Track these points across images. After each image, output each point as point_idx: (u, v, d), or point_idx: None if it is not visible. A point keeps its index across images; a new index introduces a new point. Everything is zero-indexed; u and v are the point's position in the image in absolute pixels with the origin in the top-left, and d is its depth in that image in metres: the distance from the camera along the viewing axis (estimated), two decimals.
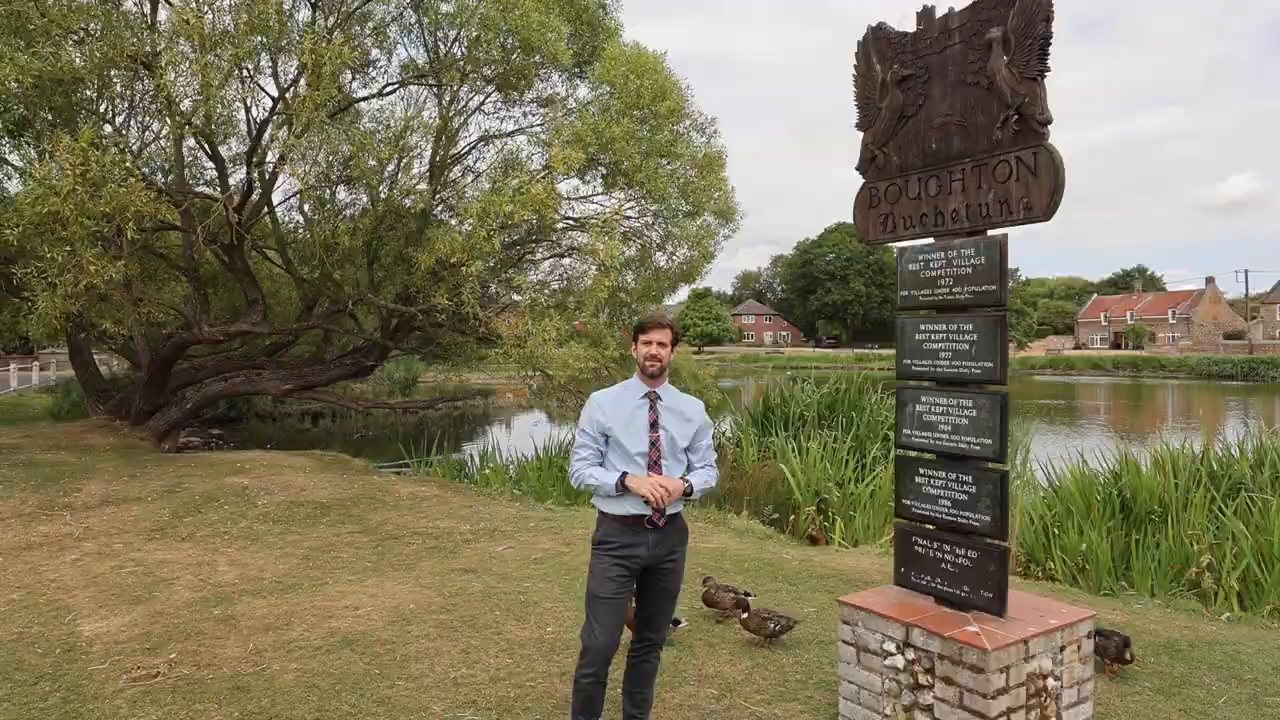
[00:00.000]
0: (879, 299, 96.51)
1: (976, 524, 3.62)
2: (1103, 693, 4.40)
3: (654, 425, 3.58)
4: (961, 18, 3.66)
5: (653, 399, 3.63)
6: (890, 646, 3.68)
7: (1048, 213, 3.37)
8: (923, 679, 3.55)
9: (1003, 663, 3.34)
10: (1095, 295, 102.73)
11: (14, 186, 13.45)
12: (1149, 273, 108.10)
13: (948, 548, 3.73)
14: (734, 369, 60.87)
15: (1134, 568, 6.89)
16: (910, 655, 3.60)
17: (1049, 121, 3.35)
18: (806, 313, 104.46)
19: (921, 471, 3.85)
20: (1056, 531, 7.42)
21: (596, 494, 3.57)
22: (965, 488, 3.66)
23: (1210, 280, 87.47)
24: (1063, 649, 3.57)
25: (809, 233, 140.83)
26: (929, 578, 3.82)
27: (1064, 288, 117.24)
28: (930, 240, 3.84)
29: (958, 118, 3.68)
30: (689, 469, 3.66)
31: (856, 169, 4.15)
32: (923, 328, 3.83)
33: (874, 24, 4.05)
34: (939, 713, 3.48)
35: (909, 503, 3.92)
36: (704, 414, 3.81)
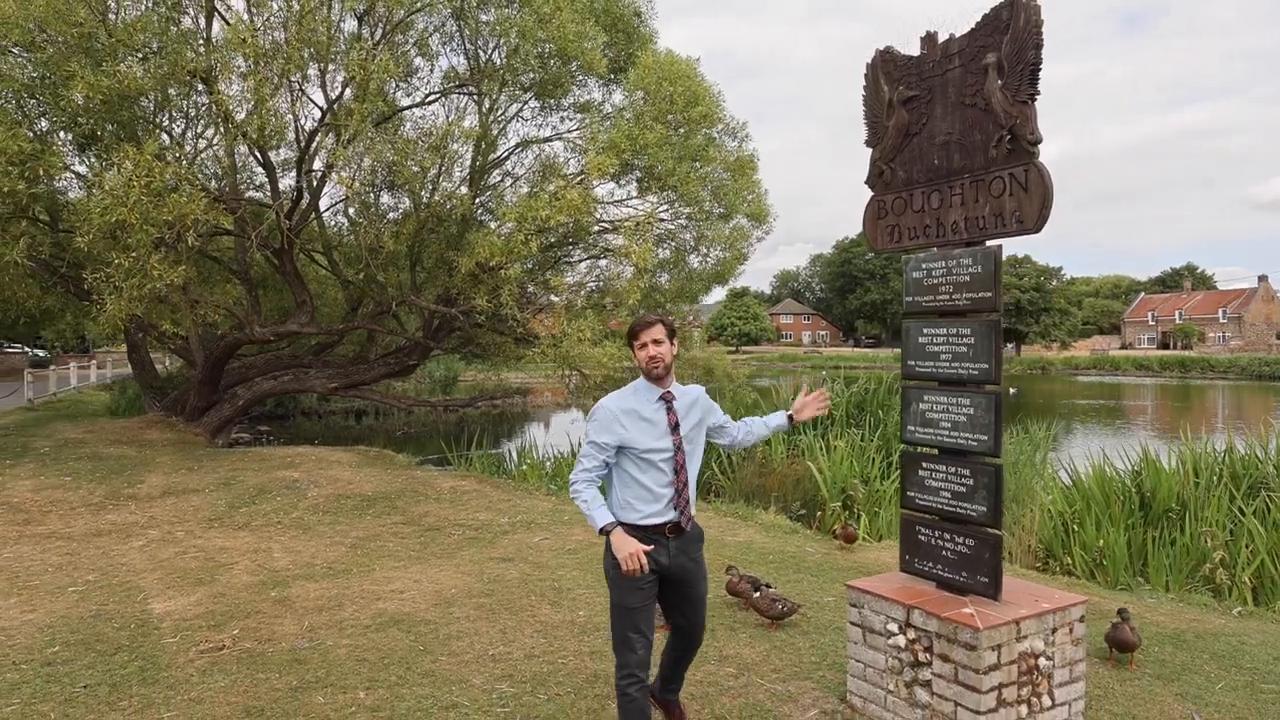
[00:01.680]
0: None
1: (974, 514, 3.89)
2: (1102, 677, 4.64)
3: (675, 428, 3.52)
4: (961, 43, 3.93)
5: (668, 400, 3.56)
6: (893, 627, 3.97)
7: (1037, 225, 3.63)
8: (922, 656, 3.83)
9: (994, 641, 3.61)
10: (1142, 294, 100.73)
11: (73, 194, 14.07)
12: (1199, 271, 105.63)
13: (947, 536, 4.00)
14: (771, 369, 60.98)
15: (1150, 564, 7.06)
16: (911, 635, 3.89)
17: (1039, 141, 3.62)
18: (845, 312, 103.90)
19: (924, 465, 4.13)
20: (1076, 528, 7.61)
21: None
22: (963, 480, 3.93)
23: (1263, 278, 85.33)
24: (1054, 631, 3.83)
25: (848, 231, 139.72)
26: (931, 564, 4.10)
27: (1110, 286, 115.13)
28: (933, 250, 4.12)
29: (957, 136, 3.95)
30: (738, 439, 3.89)
31: (865, 183, 4.43)
32: (925, 331, 4.11)
33: (881, 48, 4.33)
34: (937, 688, 3.76)
35: (913, 494, 4.20)
36: (706, 396, 3.80)
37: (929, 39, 4.10)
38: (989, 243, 3.88)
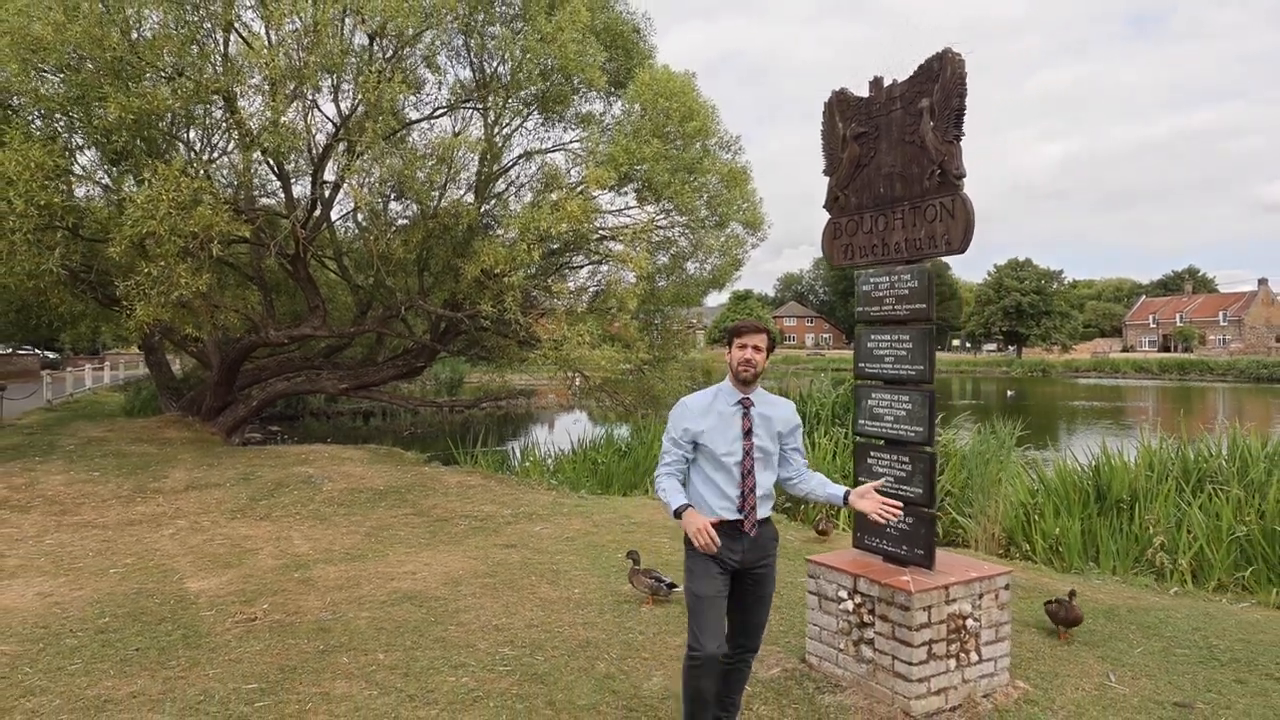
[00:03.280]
0: None
1: (912, 495, 4.49)
2: (1036, 643, 5.24)
3: (748, 433, 3.58)
4: (902, 88, 4.53)
5: (746, 405, 3.61)
6: (843, 594, 4.57)
7: (962, 246, 4.24)
8: (866, 618, 4.43)
9: (925, 603, 4.21)
10: (1144, 297, 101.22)
11: (85, 200, 14.56)
12: (1200, 274, 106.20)
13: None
14: (774, 370, 61.50)
15: (1101, 549, 7.65)
16: (858, 600, 4.49)
17: (963, 176, 4.22)
18: (849, 315, 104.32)
19: (872, 454, 4.73)
20: (1037, 518, 8.20)
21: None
22: (904, 466, 4.53)
23: (1263, 281, 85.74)
24: (981, 596, 4.43)
25: None
26: (877, 540, 4.70)
27: (1112, 290, 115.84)
28: (879, 266, 4.72)
29: (899, 169, 4.56)
30: (792, 481, 3.78)
31: (824, 207, 5.04)
32: (873, 337, 4.71)
33: (837, 89, 4.94)
34: (878, 645, 4.36)
35: (863, 479, 4.79)
36: (795, 414, 3.80)
37: (876, 83, 4.71)
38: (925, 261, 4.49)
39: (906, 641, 4.19)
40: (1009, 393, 44.92)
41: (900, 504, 3.70)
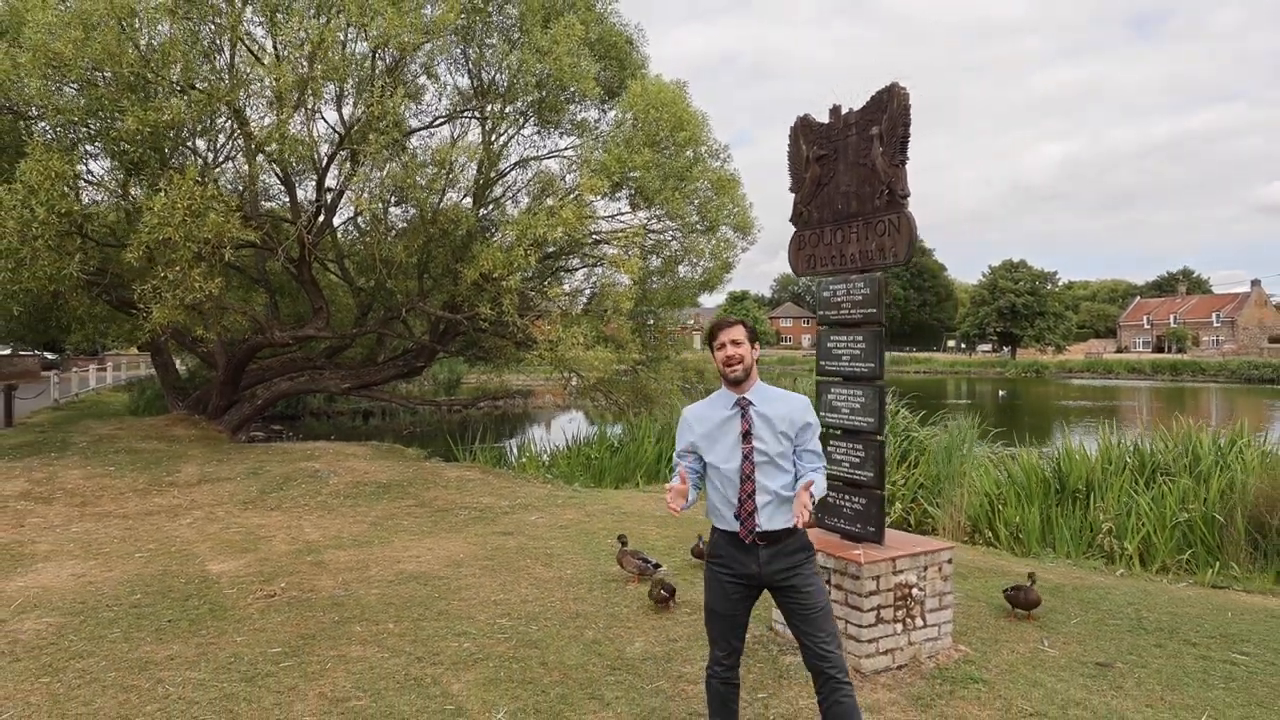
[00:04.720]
0: (918, 301, 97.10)
1: (865, 479, 5.04)
2: (982, 614, 5.79)
3: (747, 435, 3.36)
4: (856, 116, 5.09)
5: (744, 406, 3.41)
6: None
7: (906, 258, 4.80)
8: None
9: (874, 573, 4.76)
10: (1138, 298, 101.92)
11: (89, 204, 15.00)
12: (1194, 275, 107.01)
13: (847, 497, 5.16)
14: (769, 372, 61.95)
15: (1056, 535, 8.22)
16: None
17: (908, 195, 4.77)
18: None
19: (831, 443, 5.28)
20: (1001, 507, 8.77)
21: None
22: (858, 453, 5.08)
23: (1256, 283, 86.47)
24: (926, 569, 4.98)
25: None
26: (836, 520, 5.25)
27: (1107, 291, 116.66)
28: (837, 275, 5.27)
29: (854, 188, 5.11)
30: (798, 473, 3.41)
31: (790, 221, 5.59)
32: (832, 338, 5.26)
33: (801, 115, 5.49)
34: (835, 611, 4.90)
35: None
36: (805, 411, 3.45)
37: (835, 111, 5.26)
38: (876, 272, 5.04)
39: (857, 607, 4.74)
40: (1001, 393, 45.54)
41: (809, 509, 3.24)
